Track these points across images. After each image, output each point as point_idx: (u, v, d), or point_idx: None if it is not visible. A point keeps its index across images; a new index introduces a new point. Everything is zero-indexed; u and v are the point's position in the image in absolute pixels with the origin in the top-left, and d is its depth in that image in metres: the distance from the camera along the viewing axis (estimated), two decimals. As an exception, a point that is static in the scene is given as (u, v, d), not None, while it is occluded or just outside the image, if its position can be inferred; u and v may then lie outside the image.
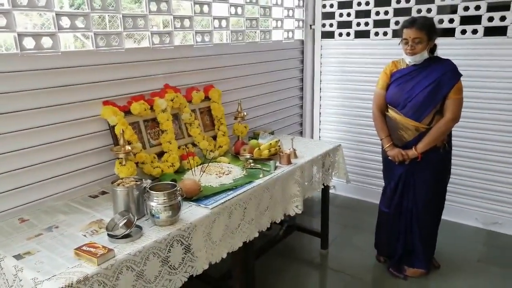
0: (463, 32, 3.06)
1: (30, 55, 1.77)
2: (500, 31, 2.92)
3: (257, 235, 2.07)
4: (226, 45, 2.87)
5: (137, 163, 2.07)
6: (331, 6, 3.65)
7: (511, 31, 2.87)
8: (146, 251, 1.49)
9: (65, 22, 1.86)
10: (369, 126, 3.50)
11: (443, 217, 2.62)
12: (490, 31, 2.97)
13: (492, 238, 3.12)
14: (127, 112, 2.12)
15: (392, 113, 2.49)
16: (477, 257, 2.87)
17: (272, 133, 2.95)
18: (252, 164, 2.27)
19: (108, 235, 1.54)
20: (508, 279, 2.60)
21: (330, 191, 2.88)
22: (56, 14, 1.82)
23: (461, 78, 2.32)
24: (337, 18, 3.63)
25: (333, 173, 2.81)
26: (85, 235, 1.58)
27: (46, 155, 1.88)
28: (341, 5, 3.60)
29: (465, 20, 3.05)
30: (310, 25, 3.76)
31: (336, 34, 3.68)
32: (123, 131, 1.94)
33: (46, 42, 1.80)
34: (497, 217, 3.18)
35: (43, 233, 1.60)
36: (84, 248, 1.41)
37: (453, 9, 3.09)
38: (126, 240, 1.51)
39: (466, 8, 3.01)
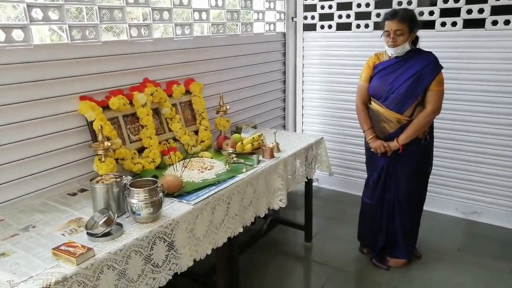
0: (443, 24, 3.09)
1: (0, 49, 1.69)
2: (479, 23, 2.95)
3: (241, 230, 2.05)
4: (206, 38, 2.82)
5: (117, 160, 2.02)
6: (313, -2, 3.63)
7: (489, 24, 2.91)
8: (128, 249, 1.46)
9: (38, 13, 1.79)
10: (352, 118, 3.52)
11: (424, 207, 2.66)
12: (469, 24, 3.00)
13: (471, 227, 3.18)
14: (106, 107, 2.06)
15: (374, 105, 2.49)
16: (457, 246, 2.92)
17: (254, 127, 2.93)
18: (235, 159, 2.24)
19: (88, 233, 1.50)
20: (487, 267, 2.66)
21: (313, 184, 2.89)
22: (27, 6, 1.74)
23: (442, 70, 2.34)
24: (319, 10, 3.62)
25: (316, 166, 2.81)
26: (63, 234, 1.53)
27: (22, 152, 1.81)
28: (322, -3, 3.59)
29: (444, 13, 3.07)
30: (292, 18, 3.74)
31: (318, 27, 3.66)
32: (101, 126, 1.88)
33: (18, 34, 1.72)
34: (476, 207, 3.25)
35: (19, 233, 1.54)
36: (62, 247, 1.37)
37: (433, 2, 3.11)
38: (107, 239, 1.47)
39: (445, 1, 3.03)
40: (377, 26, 3.28)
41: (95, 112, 1.96)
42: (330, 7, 3.55)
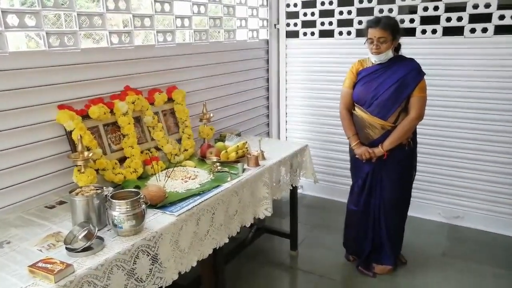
0: (423, 31, 3.14)
1: (-27, 56, 1.62)
2: (458, 31, 3.01)
3: (227, 240, 2.01)
4: (189, 45, 2.78)
5: (97, 170, 1.95)
6: (295, 5, 3.64)
7: (468, 31, 2.97)
8: (109, 264, 1.40)
9: (13, 20, 1.72)
10: (335, 125, 3.53)
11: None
12: (448, 31, 3.06)
13: (454, 232, 3.22)
14: (85, 116, 2.00)
15: (359, 111, 2.50)
16: (442, 251, 2.94)
17: (239, 134, 2.90)
18: (219, 168, 2.20)
19: (67, 248, 1.43)
20: (471, 272, 2.68)
21: (298, 191, 2.86)
22: (2, 11, 1.67)
23: (424, 77, 2.37)
24: (301, 17, 3.63)
25: (301, 173, 2.79)
26: (40, 250, 1.46)
27: (-4, 164, 1.73)
28: (305, 5, 3.60)
29: (425, 20, 3.12)
30: (275, 25, 3.74)
31: (300, 34, 3.67)
32: (81, 136, 1.82)
33: (-9, 41, 1.66)
34: (459, 211, 3.29)
35: (-8, 250, 1.46)
36: (39, 264, 1.30)
37: (413, 9, 3.16)
38: (87, 254, 1.41)
39: (425, 9, 3.08)
40: (360, 33, 3.31)
41: (74, 122, 1.89)
42: (312, 14, 3.57)
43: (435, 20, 3.07)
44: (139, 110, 2.27)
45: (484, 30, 2.91)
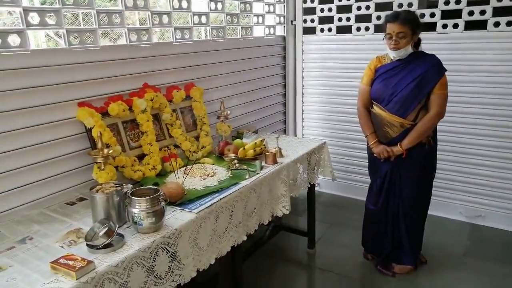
0: (444, 26, 3.06)
1: (-4, 54, 1.64)
2: (481, 25, 2.93)
3: (245, 238, 2.00)
4: (206, 42, 2.78)
5: (116, 167, 1.96)
6: (312, 1, 3.60)
7: (491, 25, 2.89)
8: (129, 261, 1.40)
9: (34, 18, 1.74)
10: (352, 122, 3.48)
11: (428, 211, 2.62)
12: (471, 25, 2.98)
13: (476, 231, 3.14)
14: (105, 113, 2.01)
15: (377, 109, 2.45)
16: (463, 251, 2.88)
17: (255, 131, 2.89)
18: (237, 165, 2.19)
19: (87, 245, 1.44)
20: (493, 272, 2.61)
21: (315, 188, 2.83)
22: (24, 10, 1.69)
23: (446, 73, 2.31)
24: (318, 13, 3.59)
25: (319, 171, 2.76)
26: (62, 246, 1.47)
27: (18, 161, 1.75)
28: (322, 0, 3.56)
29: (446, 15, 3.05)
30: (291, 21, 3.70)
31: (317, 30, 3.63)
32: (100, 133, 1.83)
33: (14, 40, 1.67)
34: (480, 210, 3.21)
35: (15, 245, 1.49)
36: (61, 261, 1.31)
37: (434, 3, 3.08)
38: (107, 250, 1.42)
39: (446, 2, 3.01)
40: (378, 28, 3.25)
41: (94, 119, 1.91)
42: (330, 10, 3.52)
43: (456, 14, 2.99)
44: (158, 107, 2.27)
45: (509, 23, 2.82)
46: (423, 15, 3.08)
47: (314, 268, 2.79)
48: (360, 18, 3.40)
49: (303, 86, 3.83)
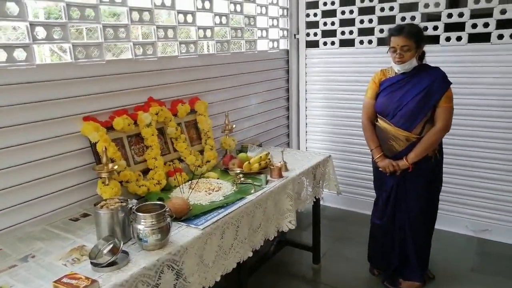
0: (448, 39, 3.07)
1: (1, 69, 1.63)
2: (484, 37, 2.93)
3: (251, 254, 1.96)
4: (211, 56, 2.78)
5: (121, 182, 1.93)
6: (315, 15, 3.62)
7: (495, 38, 2.89)
8: (134, 279, 1.37)
9: (41, 33, 1.74)
10: (357, 135, 3.46)
11: (434, 225, 2.58)
12: (474, 38, 2.98)
13: (483, 246, 3.10)
14: (110, 127, 2.00)
15: (382, 122, 2.44)
16: (470, 266, 2.83)
17: (260, 145, 2.86)
18: (242, 179, 2.17)
19: (92, 263, 1.41)
20: (502, 287, 2.56)
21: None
22: (30, 24, 1.69)
23: (451, 86, 2.30)
24: (321, 27, 3.60)
25: (324, 185, 2.73)
26: (65, 264, 1.44)
27: (21, 176, 1.73)
28: (325, 14, 3.57)
29: (449, 27, 3.05)
30: (295, 35, 3.72)
31: (320, 43, 3.64)
32: (105, 148, 1.81)
33: (20, 54, 1.67)
34: (487, 224, 3.17)
35: (17, 264, 1.45)
36: (64, 280, 1.28)
37: (437, 16, 3.09)
38: (112, 268, 1.39)
39: (449, 15, 3.02)
40: (381, 42, 3.26)
41: (99, 133, 1.89)
42: (332, 23, 3.53)
43: (460, 26, 3.00)
44: (162, 121, 2.26)
45: (513, 36, 2.83)
46: (426, 28, 3.09)
47: (320, 283, 2.74)
48: (363, 32, 3.41)
49: (306, 99, 3.82)
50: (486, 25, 2.91)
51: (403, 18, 3.18)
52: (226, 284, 2.04)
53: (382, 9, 3.26)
